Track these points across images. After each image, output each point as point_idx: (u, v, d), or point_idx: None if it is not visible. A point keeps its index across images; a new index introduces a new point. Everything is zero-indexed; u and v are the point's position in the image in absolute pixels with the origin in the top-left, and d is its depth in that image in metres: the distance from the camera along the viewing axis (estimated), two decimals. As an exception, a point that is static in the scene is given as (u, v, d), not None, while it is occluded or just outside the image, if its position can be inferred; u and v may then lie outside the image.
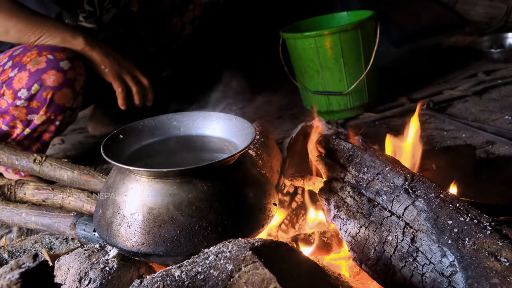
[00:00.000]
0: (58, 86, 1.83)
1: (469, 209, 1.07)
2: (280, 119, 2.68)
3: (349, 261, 1.28)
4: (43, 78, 1.81)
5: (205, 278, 0.93)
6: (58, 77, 1.82)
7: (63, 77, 1.83)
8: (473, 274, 0.96)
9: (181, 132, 1.40)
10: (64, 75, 1.83)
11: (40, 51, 1.84)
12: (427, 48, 3.49)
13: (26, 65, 1.83)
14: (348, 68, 2.49)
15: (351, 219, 1.20)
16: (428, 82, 2.86)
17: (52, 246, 1.50)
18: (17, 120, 1.90)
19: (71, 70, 1.85)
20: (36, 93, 1.83)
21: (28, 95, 1.83)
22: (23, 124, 1.91)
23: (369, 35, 2.51)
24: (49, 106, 1.86)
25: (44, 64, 1.82)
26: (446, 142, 2.14)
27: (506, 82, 2.69)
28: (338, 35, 2.41)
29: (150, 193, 1.14)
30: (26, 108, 1.87)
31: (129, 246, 1.14)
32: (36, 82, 1.81)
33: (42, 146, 2.02)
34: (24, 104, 1.85)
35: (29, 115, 1.89)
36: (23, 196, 1.56)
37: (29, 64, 1.82)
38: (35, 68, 1.82)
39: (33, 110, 1.87)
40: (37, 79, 1.81)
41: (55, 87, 1.83)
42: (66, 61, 1.84)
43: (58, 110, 1.89)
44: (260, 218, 1.21)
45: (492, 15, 3.77)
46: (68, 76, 1.84)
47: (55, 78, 1.82)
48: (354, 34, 2.44)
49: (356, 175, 1.26)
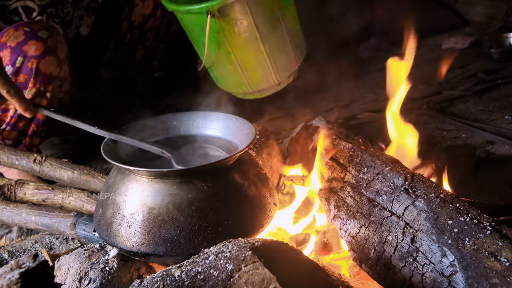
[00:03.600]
0: (41, 55, 1.86)
1: (469, 209, 1.07)
2: (280, 119, 2.69)
3: (349, 261, 1.28)
4: (25, 49, 1.85)
5: (205, 278, 0.93)
6: (38, 45, 1.85)
7: (43, 45, 1.86)
8: (473, 274, 0.96)
9: (181, 132, 1.40)
10: (44, 44, 1.86)
11: (16, 27, 1.88)
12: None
13: (5, 43, 1.87)
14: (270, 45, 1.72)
15: (351, 219, 1.20)
16: (427, 81, 2.86)
17: (52, 246, 1.50)
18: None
19: (50, 38, 1.88)
20: (21, 66, 1.86)
21: (14, 69, 1.86)
22: None
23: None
24: (36, 76, 1.89)
25: (22, 37, 1.85)
26: (446, 142, 2.14)
27: (506, 82, 2.69)
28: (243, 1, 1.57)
29: (150, 193, 1.14)
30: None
31: (129, 246, 1.14)
32: (19, 55, 1.85)
33: (37, 127, 2.03)
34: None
35: None
36: (23, 196, 1.56)
37: (8, 41, 1.87)
38: (15, 43, 1.85)
39: (22, 85, 1.90)
40: (19, 52, 1.85)
41: (38, 56, 1.86)
42: (43, 31, 1.87)
43: (46, 79, 1.91)
44: (260, 218, 1.21)
45: (492, 15, 3.77)
46: (48, 44, 1.87)
47: (36, 47, 1.85)
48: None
49: (356, 175, 1.26)
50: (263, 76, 1.76)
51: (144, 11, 2.30)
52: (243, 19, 1.57)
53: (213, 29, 1.59)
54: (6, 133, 1.99)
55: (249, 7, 1.55)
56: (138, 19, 2.33)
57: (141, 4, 2.31)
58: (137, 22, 2.33)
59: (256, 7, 1.57)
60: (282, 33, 1.70)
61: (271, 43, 1.67)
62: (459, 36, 3.50)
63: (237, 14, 1.55)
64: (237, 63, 1.69)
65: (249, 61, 1.70)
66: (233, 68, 1.73)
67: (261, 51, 1.67)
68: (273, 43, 1.69)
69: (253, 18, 1.58)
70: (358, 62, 3.28)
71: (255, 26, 1.60)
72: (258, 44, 1.65)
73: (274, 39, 1.69)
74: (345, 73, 3.04)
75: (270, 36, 1.66)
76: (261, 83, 1.78)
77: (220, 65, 1.75)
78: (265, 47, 1.66)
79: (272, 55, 1.70)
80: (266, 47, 1.66)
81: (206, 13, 1.53)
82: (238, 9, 1.54)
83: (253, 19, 1.58)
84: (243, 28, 1.59)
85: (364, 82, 2.94)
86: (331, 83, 2.77)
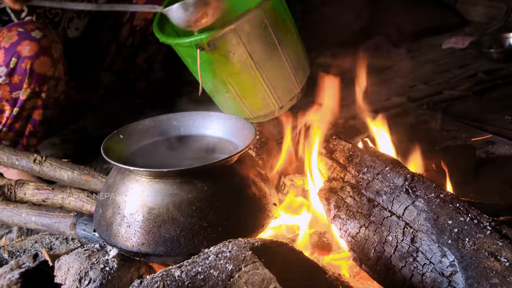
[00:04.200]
0: (35, 55, 1.85)
1: (469, 209, 1.07)
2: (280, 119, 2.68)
3: (349, 261, 1.28)
4: (19, 50, 1.84)
5: (205, 278, 0.93)
6: (32, 46, 1.85)
7: (37, 46, 1.85)
8: (473, 274, 0.96)
9: (181, 132, 1.40)
10: (38, 44, 1.85)
11: (10, 28, 1.88)
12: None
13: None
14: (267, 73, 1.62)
15: (351, 219, 1.20)
16: (428, 82, 2.87)
17: (52, 246, 1.50)
18: (3, 100, 1.93)
19: (44, 39, 1.87)
20: (16, 66, 1.86)
21: (8, 70, 1.86)
22: (10, 104, 1.93)
23: (279, 12, 1.64)
24: (31, 77, 1.88)
25: (16, 37, 1.85)
26: (446, 142, 2.14)
27: (506, 82, 2.69)
28: (233, 31, 1.49)
29: (150, 193, 1.14)
30: (9, 85, 1.89)
31: (129, 246, 1.14)
32: (12, 55, 1.85)
33: (34, 127, 2.02)
34: (6, 81, 1.88)
35: (14, 93, 1.92)
36: (23, 196, 1.56)
37: (2, 42, 1.86)
38: (9, 43, 1.85)
39: (17, 86, 1.90)
40: (13, 53, 1.85)
41: (32, 56, 1.85)
42: (37, 31, 1.87)
43: (41, 80, 1.91)
44: (260, 218, 1.21)
45: (492, 15, 3.77)
46: (42, 44, 1.87)
47: (30, 47, 1.85)
48: (258, 20, 1.54)
49: (356, 175, 1.26)
50: (263, 103, 1.70)
51: (146, 16, 2.31)
52: (235, 50, 1.53)
53: (206, 60, 1.55)
54: (2, 134, 1.99)
55: (240, 37, 1.50)
56: (140, 23, 2.33)
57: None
58: (139, 26, 2.33)
59: (247, 37, 1.52)
60: (280, 59, 1.63)
61: (268, 70, 1.61)
62: (459, 36, 3.50)
63: (228, 45, 1.50)
64: (235, 92, 1.65)
65: (246, 90, 1.65)
66: (232, 96, 1.69)
67: (258, 80, 1.62)
68: (270, 70, 1.62)
69: (246, 48, 1.54)
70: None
71: (248, 56, 1.55)
72: (253, 73, 1.59)
73: (271, 66, 1.62)
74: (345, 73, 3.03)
75: (267, 63, 1.60)
76: (262, 109, 1.73)
77: (218, 93, 1.72)
78: (262, 75, 1.61)
79: (270, 82, 1.65)
80: (263, 75, 1.61)
81: (195, 47, 1.51)
82: (229, 41, 1.49)
83: (245, 49, 1.54)
84: (237, 59, 1.54)
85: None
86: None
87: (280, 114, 1.79)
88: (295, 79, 1.71)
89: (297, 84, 1.73)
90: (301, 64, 1.77)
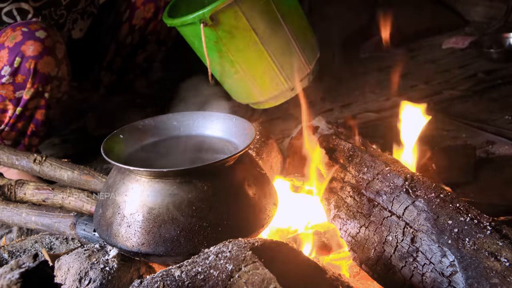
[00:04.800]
0: (39, 55, 1.86)
1: (469, 209, 1.07)
2: (280, 119, 2.69)
3: (349, 261, 1.28)
4: (23, 50, 1.85)
5: (205, 278, 0.93)
6: (36, 46, 1.85)
7: (41, 46, 1.86)
8: (473, 274, 0.96)
9: (181, 132, 1.40)
10: (42, 44, 1.86)
11: (14, 27, 1.88)
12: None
13: (3, 44, 1.87)
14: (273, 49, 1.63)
15: (351, 219, 1.20)
16: (428, 82, 2.87)
17: (52, 246, 1.50)
18: (6, 100, 1.93)
19: (48, 39, 1.88)
20: (19, 66, 1.86)
21: (12, 70, 1.86)
22: (13, 103, 1.94)
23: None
24: (35, 77, 1.88)
25: (20, 37, 1.85)
26: (446, 142, 2.14)
27: (506, 82, 2.70)
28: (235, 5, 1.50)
29: (150, 193, 1.14)
30: (13, 84, 1.89)
31: (129, 246, 1.14)
32: (17, 55, 1.85)
33: (36, 127, 2.03)
34: (9, 81, 1.88)
35: (17, 92, 1.92)
36: (23, 196, 1.56)
37: (6, 42, 1.87)
38: (13, 43, 1.85)
39: (20, 86, 1.90)
40: (17, 52, 1.85)
41: (36, 56, 1.85)
42: (41, 31, 1.87)
43: (44, 80, 1.91)
44: (260, 218, 1.21)
45: (492, 15, 3.77)
46: (46, 44, 1.87)
47: (34, 47, 1.85)
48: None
49: (356, 175, 1.26)
50: (272, 82, 1.69)
51: (145, 15, 2.31)
52: (238, 25, 1.53)
53: (211, 38, 1.55)
54: (5, 133, 1.99)
55: (242, 11, 1.51)
56: (139, 22, 2.33)
57: (142, 8, 2.32)
58: (138, 25, 2.34)
59: (250, 12, 1.52)
60: (285, 34, 1.63)
61: (274, 46, 1.61)
62: (459, 36, 3.50)
63: (230, 20, 1.50)
64: (243, 72, 1.64)
65: (254, 68, 1.64)
66: (240, 77, 1.68)
67: (265, 56, 1.62)
68: (276, 47, 1.62)
69: (249, 23, 1.53)
70: (358, 62, 3.28)
71: (252, 31, 1.56)
72: (259, 49, 1.59)
73: (277, 42, 1.62)
74: (345, 73, 3.04)
75: (272, 39, 1.60)
76: (271, 89, 1.71)
77: (226, 76, 1.71)
78: (268, 51, 1.60)
79: (277, 58, 1.64)
80: (269, 51, 1.61)
81: (199, 22, 1.50)
82: (231, 15, 1.49)
83: (249, 23, 1.53)
84: (241, 34, 1.55)
85: (364, 82, 2.95)
86: (331, 83, 2.77)
87: (291, 96, 1.76)
88: (303, 57, 1.69)
89: (306, 64, 1.71)
90: (308, 42, 1.76)
